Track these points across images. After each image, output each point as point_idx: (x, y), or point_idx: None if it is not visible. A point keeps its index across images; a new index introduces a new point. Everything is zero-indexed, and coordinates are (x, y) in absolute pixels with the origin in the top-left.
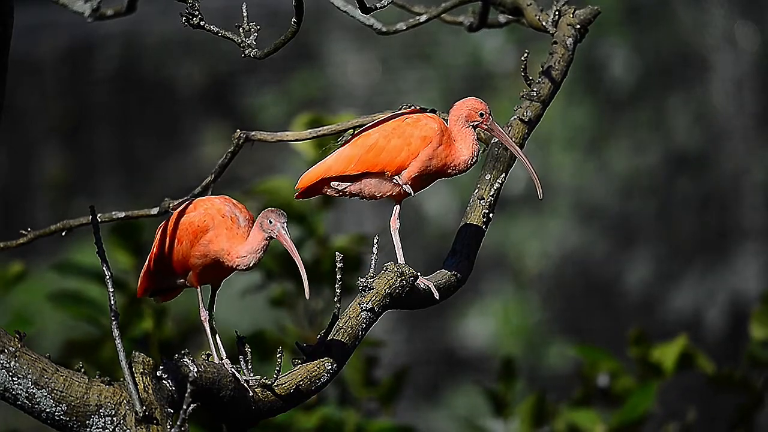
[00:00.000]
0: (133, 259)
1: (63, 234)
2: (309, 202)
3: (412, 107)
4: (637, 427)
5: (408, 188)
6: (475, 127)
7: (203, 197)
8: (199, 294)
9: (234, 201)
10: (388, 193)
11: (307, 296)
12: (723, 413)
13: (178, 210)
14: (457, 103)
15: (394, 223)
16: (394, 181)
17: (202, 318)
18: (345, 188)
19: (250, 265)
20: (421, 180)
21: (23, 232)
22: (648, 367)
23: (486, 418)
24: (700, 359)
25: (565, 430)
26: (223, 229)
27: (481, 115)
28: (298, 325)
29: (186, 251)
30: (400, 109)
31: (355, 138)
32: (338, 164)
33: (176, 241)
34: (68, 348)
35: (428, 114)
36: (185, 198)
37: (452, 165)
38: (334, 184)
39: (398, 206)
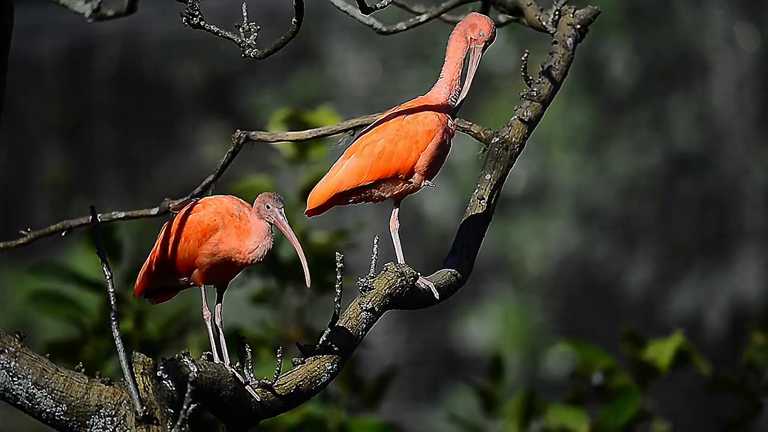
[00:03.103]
0: (110, 261)
1: (63, 234)
2: (288, 197)
3: None
4: (630, 427)
5: (428, 182)
6: (467, 42)
7: (211, 197)
8: (202, 293)
9: (240, 200)
10: (398, 192)
11: (308, 284)
12: (721, 414)
13: (185, 208)
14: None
15: (394, 224)
16: (409, 182)
17: (204, 317)
18: (357, 198)
19: (263, 255)
20: (434, 169)
21: (23, 232)
22: (642, 366)
23: (477, 416)
24: (696, 357)
25: (554, 429)
26: (233, 228)
27: (480, 34)
28: (280, 323)
29: (193, 250)
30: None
31: (360, 146)
32: (350, 177)
33: (183, 239)
34: (50, 349)
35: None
36: (185, 198)
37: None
38: (346, 197)
39: (397, 207)
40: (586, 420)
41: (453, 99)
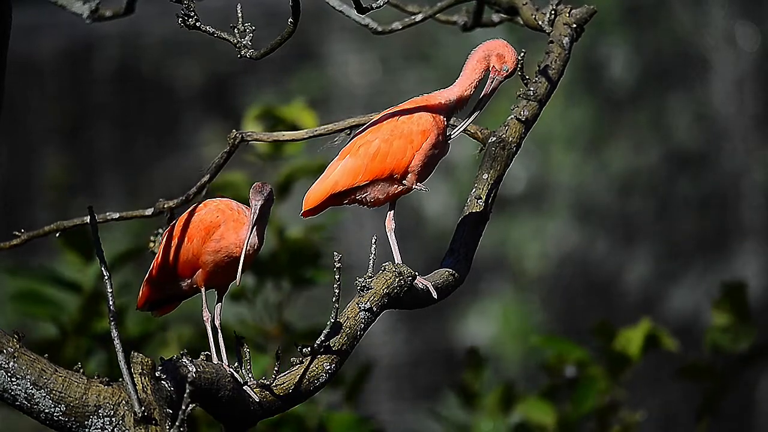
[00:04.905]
0: (84, 261)
1: (57, 235)
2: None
3: None
4: (603, 416)
5: (421, 186)
6: (488, 69)
7: (212, 199)
8: (203, 295)
9: (238, 203)
10: (393, 193)
11: (237, 283)
12: (693, 399)
13: (187, 212)
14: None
15: (390, 224)
16: (403, 183)
17: (205, 318)
18: (352, 198)
19: (251, 239)
20: (428, 170)
21: (17, 233)
22: (614, 355)
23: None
24: (665, 339)
25: (528, 422)
26: (231, 222)
27: (505, 69)
28: (258, 319)
29: (197, 249)
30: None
31: (354, 146)
32: (345, 178)
33: (186, 240)
34: (32, 348)
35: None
36: (180, 199)
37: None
38: (342, 198)
39: (392, 207)
40: (553, 412)
41: (457, 105)
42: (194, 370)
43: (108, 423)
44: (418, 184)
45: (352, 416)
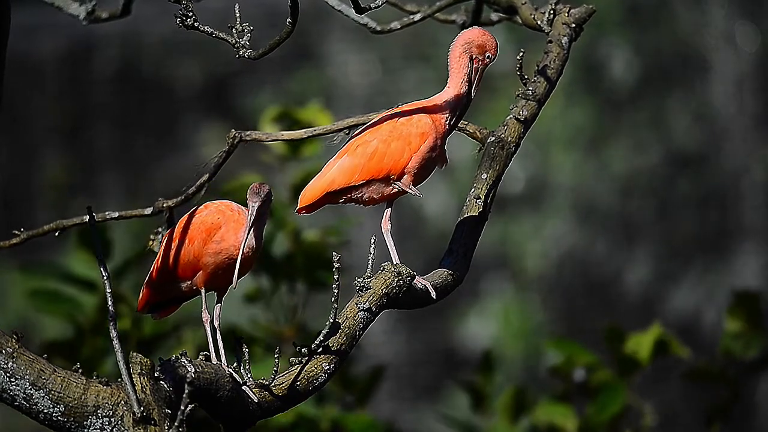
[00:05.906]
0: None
1: (57, 234)
2: (279, 195)
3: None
4: (614, 421)
5: (415, 190)
6: (471, 60)
7: (215, 202)
8: (203, 296)
9: (238, 204)
10: (388, 194)
11: (234, 286)
12: (705, 404)
13: (187, 214)
14: (462, 34)
15: (386, 225)
16: (397, 184)
17: (204, 320)
18: (348, 197)
19: (252, 245)
20: (423, 173)
21: (16, 232)
22: (623, 359)
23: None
24: (675, 346)
25: (543, 426)
26: (232, 223)
27: (488, 57)
28: (273, 322)
29: (198, 251)
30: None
31: (352, 146)
32: (342, 177)
33: (187, 241)
34: (47, 348)
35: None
36: (179, 198)
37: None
38: (337, 196)
39: (389, 208)
40: (573, 416)
41: (456, 107)
42: (193, 370)
43: (107, 423)
44: (412, 187)
45: (367, 418)
